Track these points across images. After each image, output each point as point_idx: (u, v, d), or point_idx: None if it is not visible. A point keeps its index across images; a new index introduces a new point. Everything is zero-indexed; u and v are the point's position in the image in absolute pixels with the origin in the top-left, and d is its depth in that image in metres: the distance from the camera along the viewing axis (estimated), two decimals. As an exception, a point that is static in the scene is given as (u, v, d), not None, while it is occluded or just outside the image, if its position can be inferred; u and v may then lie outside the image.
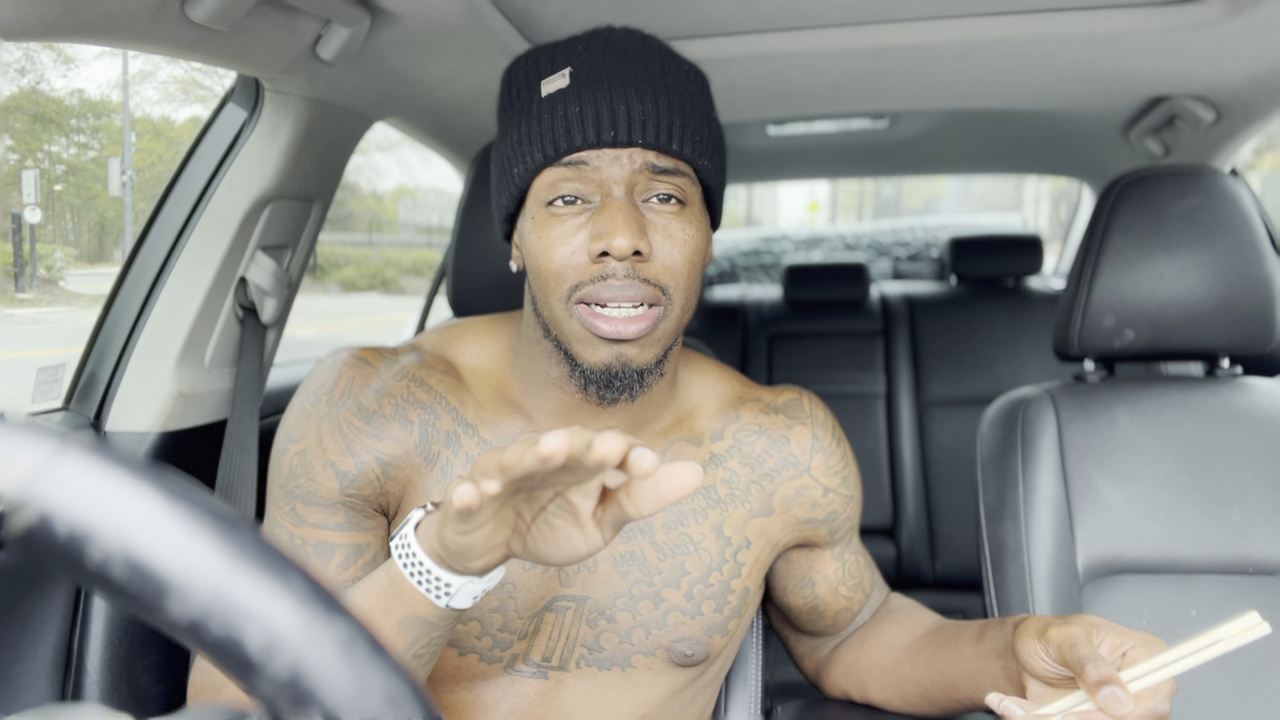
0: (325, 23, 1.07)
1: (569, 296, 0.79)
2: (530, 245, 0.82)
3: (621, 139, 0.78)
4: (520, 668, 0.87)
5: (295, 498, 0.84)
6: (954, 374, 2.53)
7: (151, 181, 2.01)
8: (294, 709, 0.30)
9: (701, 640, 0.89)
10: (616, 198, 0.78)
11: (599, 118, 0.78)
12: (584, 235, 0.79)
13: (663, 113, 0.80)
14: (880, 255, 4.11)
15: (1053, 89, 1.57)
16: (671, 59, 0.86)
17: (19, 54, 1.48)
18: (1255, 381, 1.25)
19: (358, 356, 0.88)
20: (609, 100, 0.79)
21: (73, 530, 0.30)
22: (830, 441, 0.96)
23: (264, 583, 0.31)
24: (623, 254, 0.76)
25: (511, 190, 0.84)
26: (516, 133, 0.82)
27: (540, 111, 0.81)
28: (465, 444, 0.86)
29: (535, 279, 0.82)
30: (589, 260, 0.78)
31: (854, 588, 1.01)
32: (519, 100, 0.85)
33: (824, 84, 1.57)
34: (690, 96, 0.84)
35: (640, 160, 0.79)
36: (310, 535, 0.84)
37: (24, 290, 1.78)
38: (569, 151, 0.79)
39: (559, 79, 0.81)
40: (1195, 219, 1.19)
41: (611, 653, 0.88)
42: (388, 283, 11.77)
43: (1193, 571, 1.13)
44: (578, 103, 0.79)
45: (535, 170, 0.81)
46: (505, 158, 0.84)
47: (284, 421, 0.87)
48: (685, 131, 0.81)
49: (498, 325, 0.95)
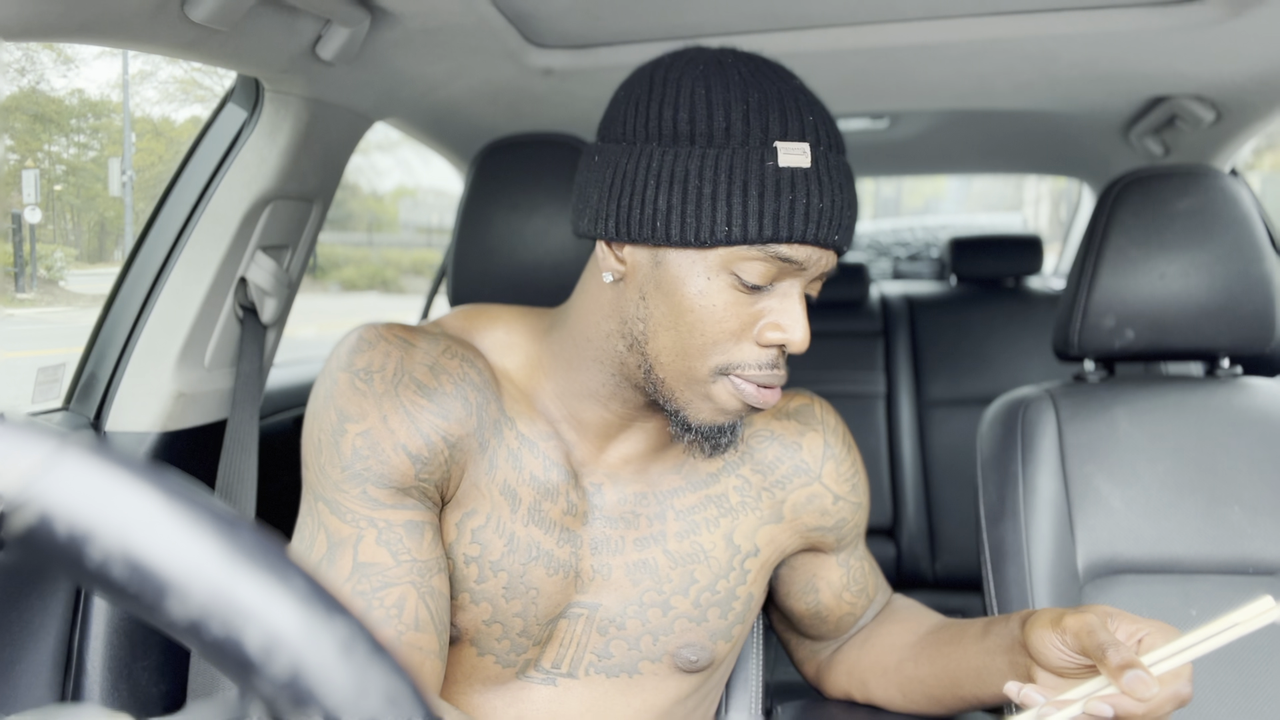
0: (325, 23, 1.07)
1: (723, 370, 0.77)
2: (691, 301, 0.75)
3: (836, 244, 0.76)
4: (531, 674, 0.87)
5: (366, 480, 0.78)
6: (954, 374, 2.53)
7: (151, 181, 2.00)
8: (294, 709, 0.30)
9: (706, 646, 0.89)
10: (799, 294, 0.77)
11: (832, 218, 0.75)
12: (753, 314, 0.76)
13: (855, 219, 0.79)
14: (880, 255, 4.11)
15: (1053, 89, 1.57)
16: (844, 145, 0.82)
17: (19, 54, 1.48)
18: (1255, 381, 1.25)
19: (395, 333, 0.82)
20: (842, 200, 0.75)
21: (73, 530, 0.30)
22: (841, 449, 0.96)
23: (264, 583, 0.31)
24: (799, 352, 0.76)
25: (694, 236, 0.74)
26: (735, 186, 0.73)
27: (779, 185, 0.73)
28: (507, 436, 0.84)
29: (679, 332, 0.76)
30: (754, 342, 0.77)
31: (858, 593, 1.01)
32: (733, 141, 0.74)
33: (824, 84, 1.56)
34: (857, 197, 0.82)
35: (829, 264, 0.78)
36: (396, 516, 0.78)
37: (24, 290, 1.78)
38: (799, 242, 0.74)
39: (798, 154, 0.74)
40: (1195, 219, 1.19)
41: (619, 659, 0.87)
42: (388, 283, 11.76)
43: (1193, 571, 1.13)
44: (819, 195, 0.74)
45: (750, 241, 0.73)
46: (701, 197, 0.73)
47: (329, 399, 0.79)
48: (852, 238, 0.80)
49: (528, 320, 0.90)
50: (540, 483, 0.84)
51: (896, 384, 2.56)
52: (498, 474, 0.83)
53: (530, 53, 1.33)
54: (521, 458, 0.84)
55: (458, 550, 0.83)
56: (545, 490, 0.84)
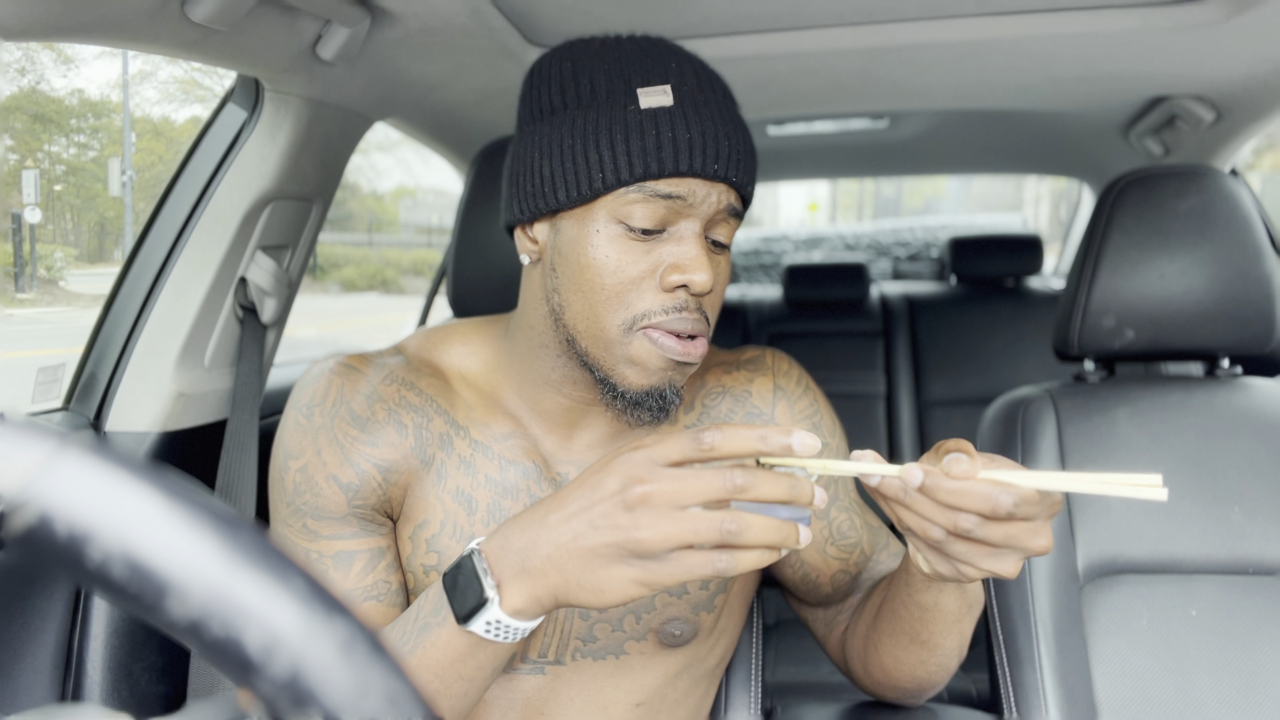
0: (325, 23, 1.07)
1: (632, 324, 0.78)
2: (587, 257, 0.78)
3: (719, 173, 0.77)
4: (519, 666, 0.87)
5: (305, 514, 0.84)
6: (954, 374, 2.53)
7: (151, 181, 2.00)
8: (294, 709, 0.30)
9: (689, 619, 0.89)
10: (696, 233, 0.78)
11: (705, 147, 0.76)
12: (652, 260, 0.78)
13: (745, 152, 0.79)
14: (880, 255, 4.11)
15: (1053, 89, 1.57)
16: (727, 87, 0.84)
17: (19, 54, 1.48)
18: (1255, 381, 1.25)
19: (343, 364, 0.88)
20: (714, 131, 0.77)
21: (73, 530, 0.30)
22: (796, 389, 0.95)
23: (264, 583, 0.31)
24: (702, 291, 0.77)
25: (576, 191, 0.78)
26: (601, 135, 0.77)
27: (643, 124, 0.76)
28: (458, 445, 0.86)
29: (584, 292, 0.79)
30: (658, 288, 0.77)
31: (846, 548, 0.95)
32: (599, 98, 0.79)
33: (824, 84, 1.57)
34: (747, 132, 0.83)
35: (724, 200, 0.79)
36: (327, 548, 0.83)
37: (24, 290, 1.78)
38: (671, 175, 0.76)
39: (659, 94, 0.77)
40: (1195, 219, 1.19)
41: (605, 642, 0.88)
42: (388, 283, 11.77)
43: (1193, 571, 1.13)
44: (685, 127, 0.76)
45: (624, 182, 0.76)
46: (574, 154, 0.78)
47: (280, 438, 0.86)
48: (752, 172, 0.81)
49: (483, 328, 0.94)
50: (497, 483, 0.86)
51: (896, 384, 2.56)
52: (448, 483, 0.85)
53: (530, 53, 1.33)
54: (474, 463, 0.86)
55: (415, 562, 0.85)
56: (504, 490, 0.86)
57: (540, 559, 0.66)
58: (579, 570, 0.64)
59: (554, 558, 0.65)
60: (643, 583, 0.63)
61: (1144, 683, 1.08)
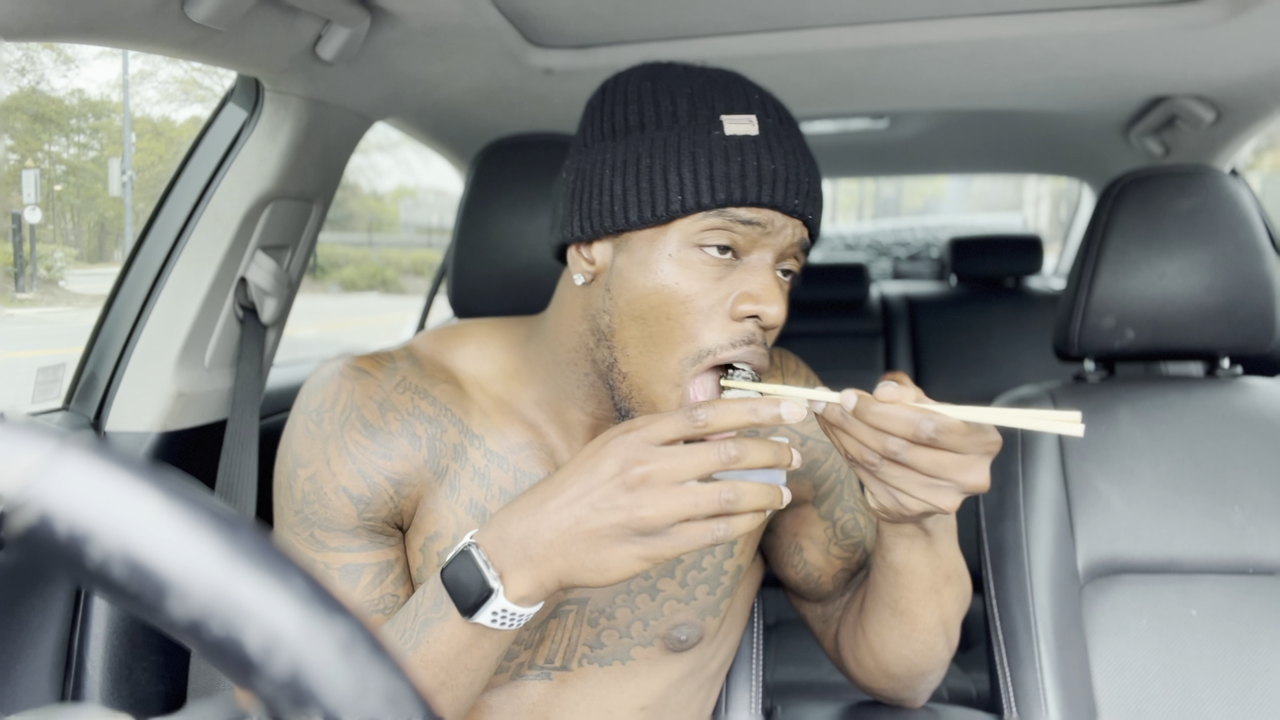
0: (325, 23, 1.07)
1: (698, 358, 0.75)
2: (655, 281, 0.75)
3: (798, 209, 0.76)
4: (525, 673, 0.87)
5: (313, 524, 0.82)
6: (954, 374, 2.53)
7: (151, 181, 2.01)
8: (294, 709, 0.30)
9: (696, 624, 0.89)
10: (769, 264, 0.77)
11: (788, 180, 0.75)
12: (723, 290, 0.75)
13: (819, 192, 0.79)
14: (880, 255, 4.11)
15: (1053, 89, 1.57)
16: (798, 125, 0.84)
17: (19, 54, 1.48)
18: (1255, 381, 1.25)
19: (353, 366, 0.85)
20: (796, 165, 0.76)
21: (73, 530, 0.30)
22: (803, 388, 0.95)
23: (264, 583, 0.31)
24: (774, 324, 0.75)
25: (651, 212, 0.75)
26: (684, 157, 0.75)
27: (727, 150, 0.74)
28: (472, 456, 0.84)
29: (645, 320, 0.76)
30: (727, 318, 0.75)
31: (849, 548, 0.96)
32: (680, 120, 0.77)
33: (824, 84, 1.57)
34: (819, 172, 0.82)
35: (798, 234, 0.77)
36: (334, 559, 0.81)
37: (24, 290, 1.78)
38: (754, 204, 0.74)
39: (745, 123, 0.76)
40: (1195, 219, 1.19)
41: (611, 648, 0.88)
42: (388, 283, 11.77)
43: (1193, 571, 1.13)
44: (770, 158, 0.75)
45: (704, 207, 0.74)
46: (652, 174, 0.75)
47: (288, 442, 0.84)
48: (821, 212, 0.80)
49: (499, 332, 0.92)
50: (511, 495, 0.84)
51: (896, 384, 2.56)
52: (461, 495, 0.84)
53: (530, 53, 1.33)
54: (489, 474, 0.84)
55: (425, 574, 0.84)
56: None
57: (543, 545, 0.66)
58: (583, 553, 0.65)
59: (557, 543, 0.66)
60: (645, 558, 0.65)
61: (1144, 683, 1.08)
